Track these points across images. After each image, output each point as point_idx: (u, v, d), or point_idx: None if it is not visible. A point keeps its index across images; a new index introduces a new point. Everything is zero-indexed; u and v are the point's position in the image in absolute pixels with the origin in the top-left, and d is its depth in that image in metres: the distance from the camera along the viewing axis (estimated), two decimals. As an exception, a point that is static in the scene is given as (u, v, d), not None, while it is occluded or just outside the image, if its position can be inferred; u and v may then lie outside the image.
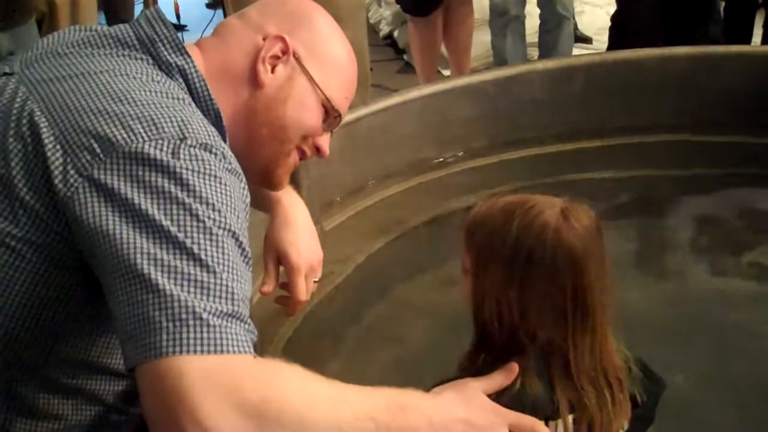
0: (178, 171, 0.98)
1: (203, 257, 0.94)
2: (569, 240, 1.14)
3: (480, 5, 4.06)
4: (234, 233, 0.99)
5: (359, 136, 2.11)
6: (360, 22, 2.81)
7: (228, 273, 0.95)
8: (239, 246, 0.99)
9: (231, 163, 1.05)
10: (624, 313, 1.23)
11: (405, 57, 4.54)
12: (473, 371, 1.20)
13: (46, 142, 1.02)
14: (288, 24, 1.23)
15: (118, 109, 1.02)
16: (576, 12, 3.91)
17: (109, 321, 1.00)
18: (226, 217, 0.98)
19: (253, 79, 1.21)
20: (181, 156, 0.99)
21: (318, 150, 1.31)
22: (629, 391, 1.23)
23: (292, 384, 0.95)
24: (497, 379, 1.16)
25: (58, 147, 1.01)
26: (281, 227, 1.41)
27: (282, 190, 1.37)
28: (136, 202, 0.96)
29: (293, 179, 1.40)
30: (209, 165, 1.00)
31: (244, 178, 1.08)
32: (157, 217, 0.95)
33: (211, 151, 1.02)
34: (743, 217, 2.17)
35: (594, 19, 4.50)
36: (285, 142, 1.25)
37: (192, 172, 0.98)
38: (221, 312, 0.92)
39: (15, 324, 1.06)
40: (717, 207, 2.22)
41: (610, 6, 3.88)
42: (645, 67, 2.40)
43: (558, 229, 1.14)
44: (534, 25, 3.92)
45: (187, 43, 1.20)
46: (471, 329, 1.24)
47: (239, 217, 1.01)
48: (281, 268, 1.41)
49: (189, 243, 0.94)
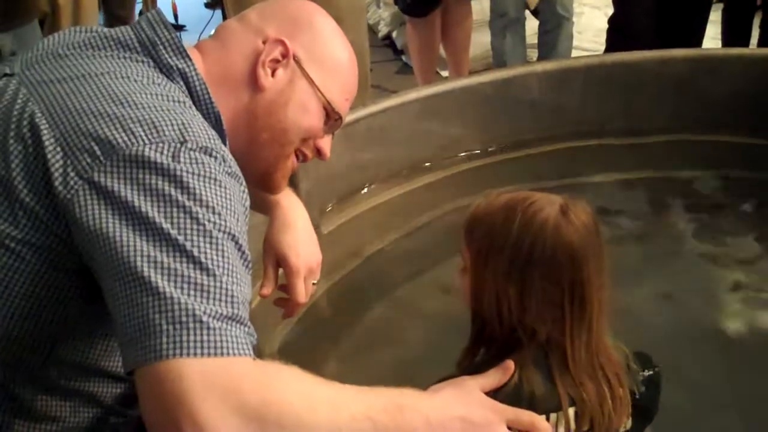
0: (178, 174, 0.98)
1: (203, 260, 0.94)
2: (568, 236, 1.16)
3: (480, 6, 4.06)
4: (234, 236, 0.99)
5: (358, 137, 2.11)
6: (361, 24, 2.81)
7: (228, 276, 0.95)
8: (239, 249, 0.99)
9: (231, 167, 1.05)
10: (622, 314, 1.24)
11: (403, 58, 4.54)
12: (472, 368, 1.20)
13: (46, 144, 1.02)
14: (288, 27, 1.24)
15: (118, 112, 1.02)
16: (576, 13, 3.91)
17: (109, 323, 1.00)
18: (226, 220, 0.98)
19: (254, 83, 1.21)
20: (182, 159, 0.99)
21: (319, 152, 1.31)
22: (629, 388, 1.23)
23: (291, 386, 0.95)
24: (494, 377, 1.17)
25: (58, 149, 1.01)
26: (280, 230, 1.41)
27: (281, 193, 1.37)
28: (136, 204, 0.96)
29: (292, 181, 1.40)
30: (209, 168, 1.00)
31: (244, 181, 1.08)
32: (157, 220, 0.95)
33: (212, 155, 1.02)
34: (743, 219, 2.17)
35: (592, 21, 4.50)
36: (285, 145, 1.25)
37: (192, 175, 0.99)
38: (221, 315, 0.92)
39: (14, 326, 1.06)
40: (715, 208, 2.22)
41: (608, 8, 3.88)
42: (643, 70, 2.40)
43: (557, 226, 1.16)
44: (533, 27, 3.92)
45: (188, 46, 1.19)
46: (469, 330, 1.24)
47: (239, 221, 1.01)
48: (280, 270, 1.41)
49: (189, 246, 0.95)
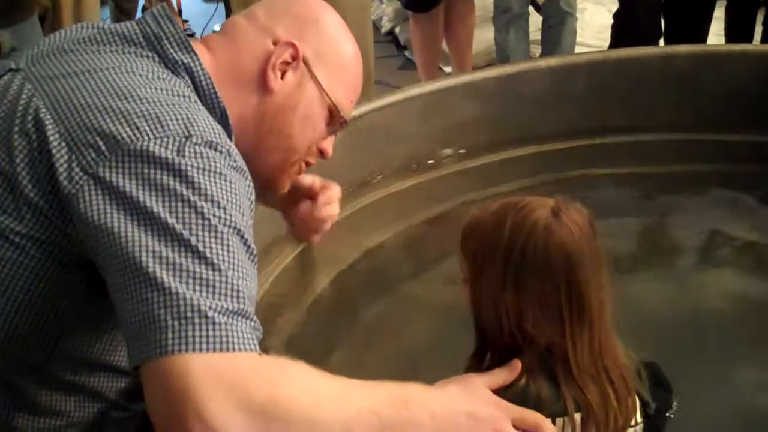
0: (183, 169, 0.98)
1: (208, 255, 0.94)
2: (560, 237, 1.15)
3: (483, 2, 4.05)
4: (239, 231, 0.99)
5: (361, 133, 2.11)
6: (365, 21, 2.81)
7: (233, 271, 0.95)
8: (244, 243, 0.99)
9: (236, 161, 1.05)
10: (624, 313, 1.23)
11: (406, 53, 4.54)
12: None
13: (51, 139, 1.02)
14: (297, 26, 1.23)
15: (123, 107, 1.02)
16: (578, 9, 3.91)
17: (113, 318, 1.00)
18: (231, 215, 0.98)
19: (263, 85, 1.21)
20: (187, 154, 0.99)
21: (321, 153, 1.32)
22: (637, 392, 1.23)
23: (297, 382, 0.95)
24: (500, 375, 1.17)
25: (63, 144, 1.01)
26: None
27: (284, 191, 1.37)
28: (141, 199, 0.96)
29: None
30: (214, 163, 1.00)
31: (249, 175, 1.08)
32: (162, 215, 0.95)
33: (217, 149, 1.02)
34: (747, 215, 2.17)
35: (595, 17, 4.49)
36: (290, 151, 1.26)
37: (197, 169, 0.99)
38: (227, 310, 0.92)
39: (18, 320, 1.07)
40: (719, 205, 2.22)
41: (612, 4, 3.87)
42: (647, 65, 2.39)
43: (548, 227, 1.15)
44: (536, 22, 3.91)
45: (193, 41, 1.19)
46: (473, 323, 1.24)
47: (244, 215, 1.02)
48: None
49: (194, 241, 0.95)
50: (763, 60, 2.38)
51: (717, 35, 3.84)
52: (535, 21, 3.92)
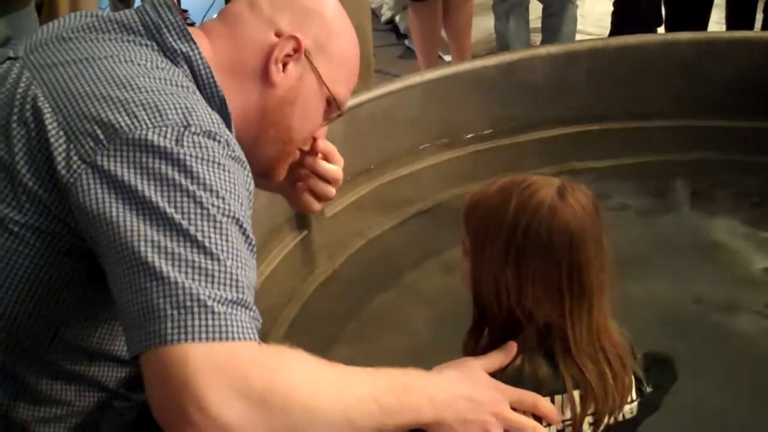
0: (181, 158, 0.98)
1: (207, 244, 0.94)
2: (565, 217, 1.15)
3: (483, -10, 4.04)
4: (238, 220, 0.99)
5: (361, 121, 2.10)
6: (364, 8, 2.80)
7: (232, 260, 0.95)
8: (243, 233, 0.99)
9: (235, 151, 1.05)
10: (626, 300, 1.23)
11: (406, 42, 4.52)
12: (476, 352, 1.21)
13: (49, 127, 1.02)
14: (300, 18, 1.22)
15: (122, 96, 1.02)
16: (579, -4, 3.90)
17: (112, 307, 1.00)
18: (230, 205, 0.98)
19: (265, 78, 1.20)
20: (185, 143, 0.99)
21: (314, 140, 1.33)
22: (634, 372, 1.24)
23: (296, 371, 0.95)
24: (497, 358, 1.18)
25: (61, 133, 1.01)
26: None
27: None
28: (139, 189, 0.96)
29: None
30: (213, 152, 1.00)
31: (248, 165, 1.08)
32: (161, 204, 0.95)
33: (215, 139, 1.02)
34: (748, 203, 2.17)
35: (596, 5, 4.48)
36: (288, 143, 1.27)
37: (196, 159, 0.98)
38: (226, 299, 0.92)
39: (17, 309, 1.07)
40: (720, 192, 2.22)
41: (613, -9, 3.86)
42: (649, 53, 2.38)
43: (553, 207, 1.16)
44: (537, 10, 3.90)
45: (192, 29, 1.19)
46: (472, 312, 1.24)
47: (243, 205, 1.01)
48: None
49: (193, 230, 0.94)
50: (765, 47, 2.38)
51: (718, 23, 3.83)
52: (535, 8, 3.90)
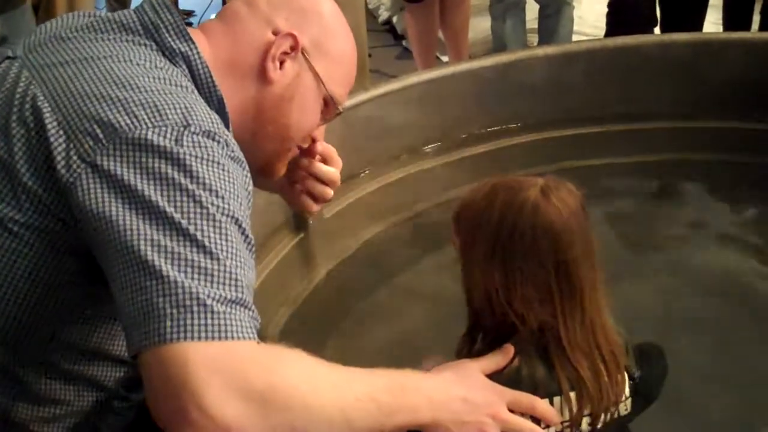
0: (181, 158, 0.98)
1: (207, 244, 0.94)
2: (548, 216, 1.15)
3: (480, -10, 4.04)
4: (237, 220, 0.99)
5: (358, 122, 2.10)
6: (359, 8, 2.80)
7: (231, 260, 0.95)
8: (242, 233, 1.00)
9: (234, 151, 1.05)
10: (621, 299, 1.24)
11: (404, 43, 4.53)
12: (471, 356, 1.21)
13: (49, 127, 1.02)
14: (297, 17, 1.23)
15: (121, 95, 1.02)
16: (575, -3, 3.90)
17: (112, 306, 1.00)
18: (229, 204, 0.98)
19: (262, 76, 1.21)
20: (185, 143, 0.99)
21: (312, 140, 1.34)
22: (626, 368, 1.24)
23: (295, 370, 0.96)
24: (494, 360, 1.18)
25: (61, 132, 1.01)
26: None
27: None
28: (139, 188, 0.96)
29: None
30: (212, 152, 1.00)
31: (246, 165, 1.08)
32: (161, 204, 0.95)
33: (215, 139, 1.02)
34: (745, 204, 2.17)
35: (593, 6, 4.49)
36: (286, 140, 1.27)
37: (195, 159, 0.99)
38: (225, 298, 0.92)
39: (16, 309, 1.07)
40: (717, 193, 2.22)
41: (609, -8, 3.86)
42: (646, 54, 2.38)
43: (536, 206, 1.16)
44: (533, 11, 3.90)
45: (191, 28, 1.19)
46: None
47: (242, 204, 1.02)
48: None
49: (192, 230, 0.95)
50: (762, 48, 2.38)
51: (715, 24, 3.84)
52: (532, 9, 3.91)
